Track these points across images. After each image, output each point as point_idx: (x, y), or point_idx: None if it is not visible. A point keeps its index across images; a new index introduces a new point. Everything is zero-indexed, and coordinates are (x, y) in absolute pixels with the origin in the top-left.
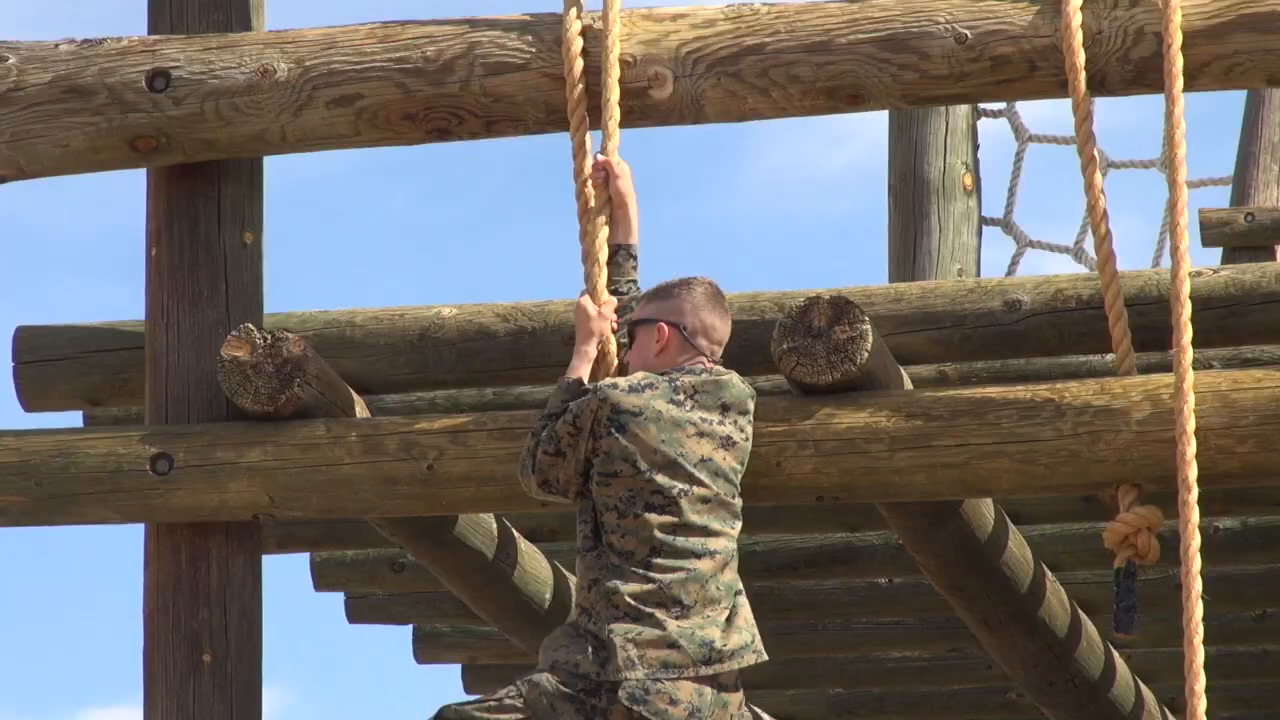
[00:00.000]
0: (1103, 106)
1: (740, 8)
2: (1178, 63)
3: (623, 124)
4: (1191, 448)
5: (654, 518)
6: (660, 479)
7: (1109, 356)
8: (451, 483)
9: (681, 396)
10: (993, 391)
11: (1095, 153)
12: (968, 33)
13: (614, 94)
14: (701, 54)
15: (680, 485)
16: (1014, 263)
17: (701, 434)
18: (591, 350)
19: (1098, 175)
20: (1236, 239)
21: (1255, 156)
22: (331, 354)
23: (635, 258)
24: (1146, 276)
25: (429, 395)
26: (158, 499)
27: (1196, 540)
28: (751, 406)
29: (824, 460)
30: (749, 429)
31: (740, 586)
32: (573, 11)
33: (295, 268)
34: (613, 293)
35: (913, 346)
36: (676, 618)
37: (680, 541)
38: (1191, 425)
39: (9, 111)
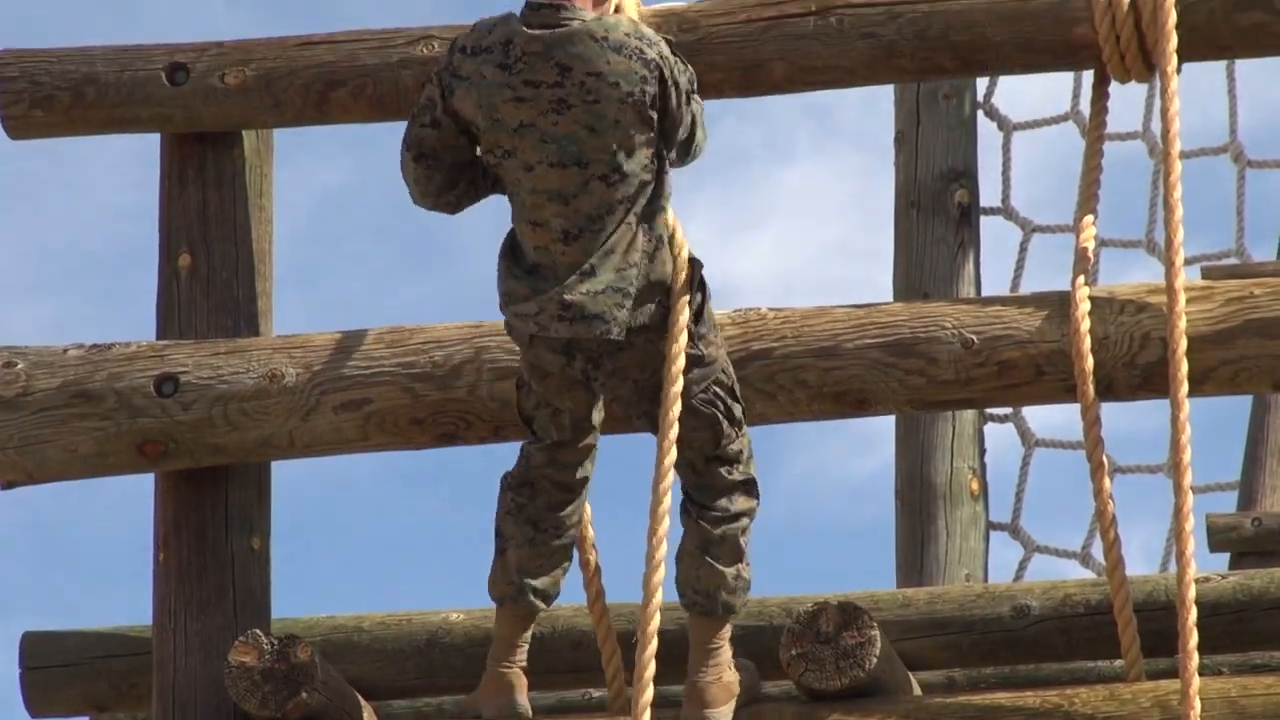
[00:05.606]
0: (1110, 410)
1: (747, 312)
2: (1183, 368)
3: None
4: None
5: None
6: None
7: (1118, 662)
8: None
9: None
10: (1002, 698)
11: (1104, 458)
12: (974, 338)
13: None
14: None
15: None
16: (1022, 568)
17: (520, 99)
18: None
19: (1106, 480)
20: (1244, 544)
21: (1262, 461)
22: (339, 659)
23: None
24: (1155, 581)
25: (437, 700)
26: None
27: None
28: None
29: None
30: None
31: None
32: None
33: (307, 571)
34: None
35: (921, 652)
36: None
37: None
38: None
39: (17, 416)
